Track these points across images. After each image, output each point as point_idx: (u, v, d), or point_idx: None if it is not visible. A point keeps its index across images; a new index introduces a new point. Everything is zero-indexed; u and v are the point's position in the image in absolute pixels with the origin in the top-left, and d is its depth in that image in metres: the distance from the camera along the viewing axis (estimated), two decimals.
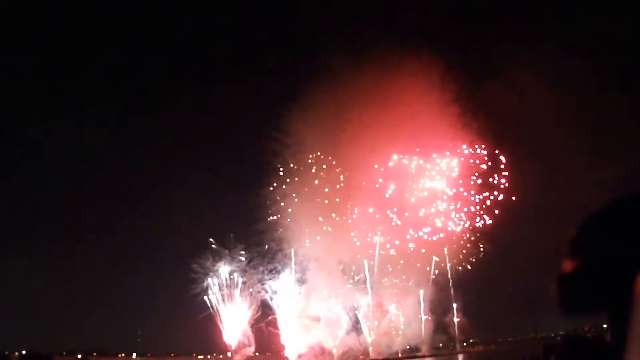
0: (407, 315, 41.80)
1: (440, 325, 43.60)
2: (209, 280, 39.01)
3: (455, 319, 43.59)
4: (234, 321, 39.08)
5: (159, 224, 40.24)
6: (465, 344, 45.55)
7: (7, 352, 35.74)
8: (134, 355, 40.04)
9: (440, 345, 45.05)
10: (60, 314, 38.39)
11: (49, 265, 37.75)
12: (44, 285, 37.93)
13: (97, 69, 41.52)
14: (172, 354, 41.64)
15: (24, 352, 36.58)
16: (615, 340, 1.59)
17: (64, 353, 38.92)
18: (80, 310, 38.70)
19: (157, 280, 39.41)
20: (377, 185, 40.56)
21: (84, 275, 39.02)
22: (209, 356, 41.89)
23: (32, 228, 40.01)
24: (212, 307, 38.93)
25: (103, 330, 38.74)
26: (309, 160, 40.07)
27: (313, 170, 39.92)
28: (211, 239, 39.29)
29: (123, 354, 40.63)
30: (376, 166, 40.55)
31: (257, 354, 40.03)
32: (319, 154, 39.89)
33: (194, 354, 41.67)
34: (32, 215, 40.67)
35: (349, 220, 39.97)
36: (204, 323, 38.99)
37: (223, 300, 39.05)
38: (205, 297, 38.89)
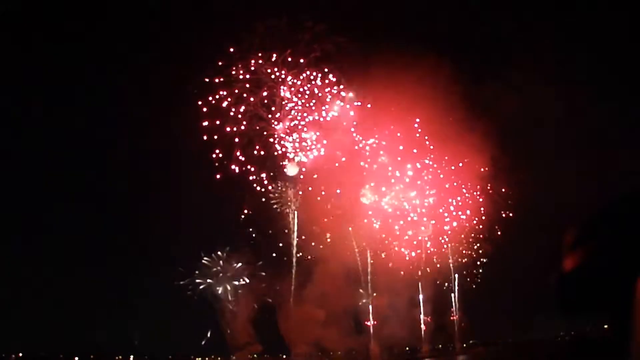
0: (407, 316, 41.80)
1: (440, 326, 43.75)
2: (211, 281, 38.99)
3: (455, 320, 43.73)
4: (235, 322, 39.04)
5: (160, 226, 39.96)
6: (464, 345, 45.63)
7: (3, 355, 35.77)
8: (132, 357, 39.96)
9: (440, 346, 45.21)
10: (58, 317, 38.15)
11: (46, 266, 37.51)
12: (41, 287, 37.68)
13: (96, 67, 41.19)
14: (170, 357, 41.57)
15: (20, 354, 36.63)
16: (617, 341, 1.58)
17: (61, 356, 38.83)
18: (78, 312, 38.42)
19: (156, 282, 39.19)
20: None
21: (82, 277, 38.76)
22: (207, 359, 41.73)
23: (31, 229, 39.70)
24: (213, 308, 38.95)
25: (100, 332, 38.49)
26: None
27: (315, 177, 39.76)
28: (215, 243, 39.26)
29: (120, 357, 40.52)
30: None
31: (255, 355, 39.96)
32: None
33: (192, 356, 41.48)
34: (30, 216, 40.31)
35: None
36: (205, 324, 39.07)
37: (225, 301, 39.07)
38: (206, 299, 38.93)
